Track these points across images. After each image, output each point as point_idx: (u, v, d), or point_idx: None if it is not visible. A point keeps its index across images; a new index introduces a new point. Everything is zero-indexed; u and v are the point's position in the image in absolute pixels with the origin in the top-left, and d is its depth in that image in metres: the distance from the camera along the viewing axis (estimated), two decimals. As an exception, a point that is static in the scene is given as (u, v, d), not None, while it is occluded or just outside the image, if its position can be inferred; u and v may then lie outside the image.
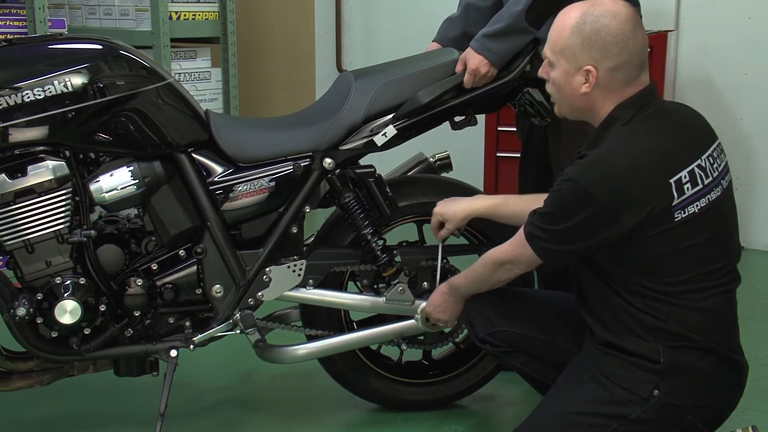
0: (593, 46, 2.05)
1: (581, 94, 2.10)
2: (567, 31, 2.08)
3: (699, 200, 2.04)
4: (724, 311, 2.11)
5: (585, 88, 2.08)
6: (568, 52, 2.08)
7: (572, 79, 2.10)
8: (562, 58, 2.10)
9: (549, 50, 2.13)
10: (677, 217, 2.01)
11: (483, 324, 2.41)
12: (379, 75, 2.60)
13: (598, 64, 2.06)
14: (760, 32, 4.48)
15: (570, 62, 2.08)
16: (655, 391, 2.06)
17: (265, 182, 2.53)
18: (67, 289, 2.37)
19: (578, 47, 2.06)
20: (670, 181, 2.01)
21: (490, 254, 2.31)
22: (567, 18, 2.10)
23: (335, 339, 2.65)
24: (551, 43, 2.12)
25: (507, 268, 2.25)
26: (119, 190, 2.41)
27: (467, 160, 3.97)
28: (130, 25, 4.56)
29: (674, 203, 2.01)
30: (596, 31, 2.04)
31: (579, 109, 2.15)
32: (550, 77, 2.16)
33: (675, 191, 2.01)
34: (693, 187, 2.03)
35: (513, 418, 2.74)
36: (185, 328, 2.55)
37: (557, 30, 2.11)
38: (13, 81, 2.29)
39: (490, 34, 2.57)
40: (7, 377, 2.55)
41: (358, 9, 5.57)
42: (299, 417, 2.84)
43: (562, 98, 2.17)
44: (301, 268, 2.59)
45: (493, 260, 2.28)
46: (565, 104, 2.17)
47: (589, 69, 2.06)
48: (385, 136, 2.56)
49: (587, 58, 2.06)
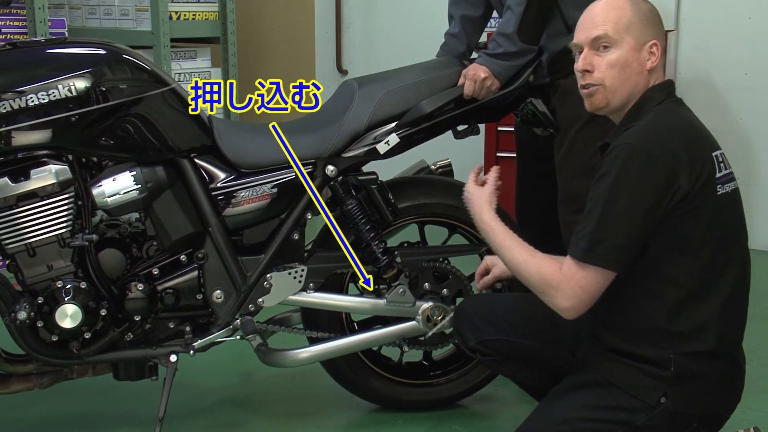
0: (652, 22, 2.11)
1: (648, 70, 2.11)
2: (627, 8, 2.10)
3: (728, 183, 2.08)
4: (736, 306, 2.11)
5: (651, 63, 2.10)
6: (634, 28, 2.09)
7: (639, 55, 2.10)
8: (627, 35, 2.09)
9: (611, 30, 2.09)
10: (719, 191, 2.04)
11: (473, 333, 2.39)
12: (383, 83, 2.61)
13: (659, 39, 2.11)
14: (760, 32, 4.48)
15: (637, 38, 2.09)
16: (663, 398, 2.05)
17: (267, 188, 2.53)
18: (68, 293, 2.37)
19: (641, 23, 2.10)
20: (713, 155, 2.05)
21: (543, 268, 2.09)
22: None
23: (337, 342, 2.66)
24: (613, 23, 2.09)
25: (551, 294, 2.07)
26: (121, 195, 2.41)
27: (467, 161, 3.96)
28: (130, 25, 4.56)
29: (717, 175, 2.04)
30: (650, 10, 2.12)
31: (631, 93, 2.11)
32: (602, 62, 2.10)
33: (716, 165, 2.05)
34: (724, 168, 2.08)
35: (513, 418, 2.74)
36: (185, 333, 2.55)
37: (615, 11, 2.10)
38: (17, 85, 2.29)
39: (491, 54, 2.61)
40: (6, 380, 2.55)
41: (358, 9, 5.56)
42: (299, 417, 2.85)
43: (622, 80, 2.11)
44: (302, 274, 2.59)
45: (544, 279, 2.08)
46: (623, 87, 2.11)
47: (656, 43, 2.10)
48: (388, 144, 2.56)
49: (651, 33, 2.10)
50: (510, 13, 2.64)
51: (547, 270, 2.08)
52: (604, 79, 2.11)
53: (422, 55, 2.87)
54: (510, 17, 2.63)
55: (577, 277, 2.02)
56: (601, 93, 2.13)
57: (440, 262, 2.72)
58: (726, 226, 2.07)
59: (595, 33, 2.10)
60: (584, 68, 2.13)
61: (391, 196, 2.61)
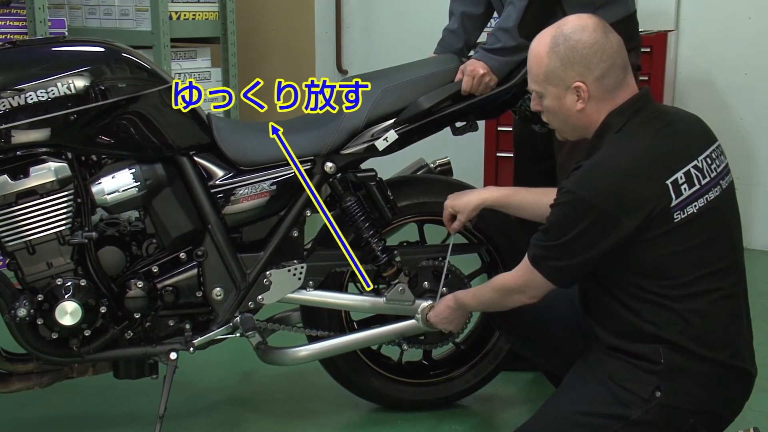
0: (574, 62, 2.06)
1: (577, 111, 2.10)
2: (544, 58, 2.09)
3: (697, 201, 2.04)
4: (727, 317, 2.11)
5: (580, 104, 2.09)
6: (552, 76, 2.09)
7: (564, 101, 2.11)
8: (548, 84, 2.11)
9: (533, 82, 2.15)
10: (677, 218, 2.02)
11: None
12: (381, 80, 2.61)
13: (585, 77, 2.07)
14: (760, 32, 4.48)
15: (557, 86, 2.10)
16: (657, 392, 2.07)
17: (266, 186, 2.54)
18: (68, 290, 2.38)
19: (560, 69, 2.08)
20: (667, 183, 2.02)
21: (499, 280, 2.31)
22: (539, 46, 2.12)
23: (336, 340, 2.66)
24: (533, 75, 2.14)
25: (515, 298, 2.24)
26: (121, 192, 2.41)
27: (467, 161, 3.97)
28: (130, 25, 4.56)
29: (672, 204, 2.02)
30: (572, 48, 2.06)
31: (579, 127, 2.15)
32: (542, 108, 2.17)
33: (672, 192, 2.02)
34: (690, 187, 2.04)
35: (513, 418, 2.75)
36: (185, 330, 2.55)
37: (534, 60, 2.13)
38: (16, 83, 2.30)
39: (489, 49, 2.61)
40: (6, 379, 2.55)
41: (358, 9, 5.57)
42: (299, 417, 2.85)
43: (560, 122, 2.17)
44: (301, 271, 2.59)
45: (502, 287, 2.28)
46: (566, 127, 2.18)
47: (579, 85, 2.07)
48: (387, 140, 2.56)
49: (572, 75, 2.07)
50: (512, 7, 2.64)
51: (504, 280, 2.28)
52: (549, 123, 2.21)
53: (422, 55, 2.87)
54: (511, 12, 2.64)
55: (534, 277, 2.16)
56: (557, 130, 2.22)
57: (439, 261, 2.72)
58: (701, 240, 2.06)
59: (529, 83, 2.18)
60: (535, 110, 2.22)
61: (390, 193, 2.61)
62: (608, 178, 2.02)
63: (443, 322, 2.54)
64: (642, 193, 2.01)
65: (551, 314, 2.41)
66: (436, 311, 2.56)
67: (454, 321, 2.54)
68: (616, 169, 2.02)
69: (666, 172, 2.03)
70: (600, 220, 2.02)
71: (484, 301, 2.39)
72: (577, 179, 2.05)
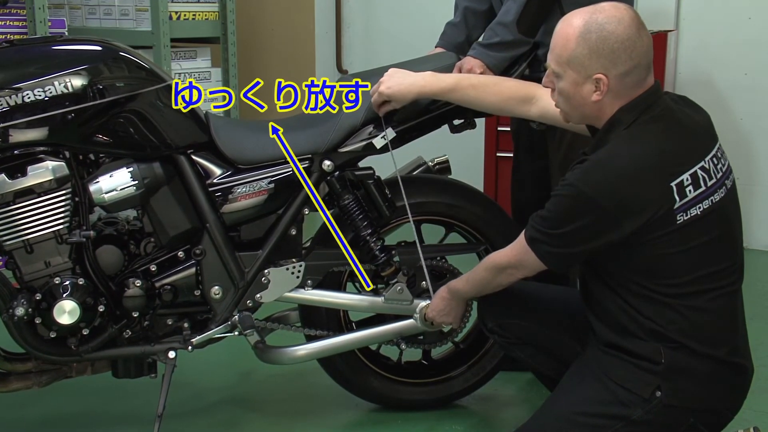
0: (601, 54, 2.00)
1: (592, 102, 2.06)
2: (572, 41, 2.02)
3: (702, 202, 2.03)
4: (727, 313, 2.11)
5: (596, 96, 2.05)
6: (575, 62, 2.03)
7: (581, 88, 2.05)
8: (569, 69, 2.05)
9: (554, 62, 2.08)
10: (679, 220, 2.01)
11: (492, 314, 2.43)
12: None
13: (608, 71, 2.01)
14: (760, 32, 4.48)
15: (578, 72, 2.04)
16: (657, 392, 2.06)
17: (264, 184, 2.53)
18: (66, 289, 2.37)
19: (586, 57, 2.01)
20: (672, 185, 2.00)
21: (491, 258, 2.31)
22: (570, 27, 2.04)
23: (334, 339, 2.66)
24: (555, 54, 2.07)
25: (509, 272, 2.25)
26: (119, 191, 2.41)
27: (467, 160, 3.97)
28: (130, 25, 4.56)
29: (676, 206, 2.00)
30: (603, 39, 2.00)
31: (588, 116, 2.12)
32: (555, 87, 2.12)
33: (676, 194, 2.00)
34: (695, 189, 2.02)
35: (513, 418, 2.74)
36: (184, 329, 2.55)
37: (561, 41, 2.05)
38: (14, 81, 2.29)
39: (486, 44, 2.61)
40: (5, 378, 2.55)
41: (358, 9, 5.57)
42: (299, 417, 2.85)
43: (571, 107, 2.12)
44: (299, 270, 2.59)
45: (495, 265, 2.28)
46: (575, 113, 2.13)
47: (600, 77, 2.02)
48: (385, 138, 2.56)
49: (597, 66, 2.01)
50: (512, 2, 2.64)
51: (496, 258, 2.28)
52: (557, 102, 2.16)
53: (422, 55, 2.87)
54: (511, 6, 2.63)
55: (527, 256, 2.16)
56: (560, 110, 2.18)
57: (438, 261, 2.71)
58: (704, 241, 2.05)
59: (548, 60, 2.12)
60: (546, 86, 2.18)
61: (388, 191, 2.60)
62: (612, 177, 2.00)
63: (441, 315, 2.53)
64: (645, 195, 2.00)
65: (546, 316, 2.40)
66: (432, 306, 2.56)
67: (452, 312, 2.52)
68: (621, 169, 2.01)
69: (671, 175, 2.01)
70: (600, 218, 2.01)
71: (477, 282, 2.36)
72: (582, 174, 2.03)
